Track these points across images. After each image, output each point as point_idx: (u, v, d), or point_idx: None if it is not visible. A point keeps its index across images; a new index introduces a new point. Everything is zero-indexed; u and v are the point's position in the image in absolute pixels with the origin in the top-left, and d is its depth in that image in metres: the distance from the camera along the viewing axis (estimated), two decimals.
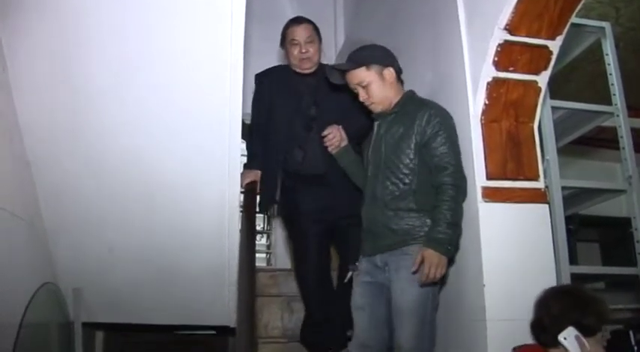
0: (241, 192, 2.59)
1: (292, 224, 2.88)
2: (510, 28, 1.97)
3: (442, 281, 2.07)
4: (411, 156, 2.11)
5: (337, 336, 2.61)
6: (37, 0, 2.05)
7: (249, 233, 2.46)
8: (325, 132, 2.42)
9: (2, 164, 2.17)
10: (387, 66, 2.21)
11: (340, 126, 2.43)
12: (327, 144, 2.42)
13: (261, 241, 4.35)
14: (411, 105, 2.19)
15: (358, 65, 2.20)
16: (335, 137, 2.40)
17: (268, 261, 4.41)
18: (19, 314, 2.17)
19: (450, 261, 2.04)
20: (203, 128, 2.36)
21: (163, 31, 2.14)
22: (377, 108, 2.23)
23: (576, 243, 3.23)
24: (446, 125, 2.11)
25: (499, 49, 2.01)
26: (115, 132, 2.32)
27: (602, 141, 3.94)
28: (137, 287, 2.73)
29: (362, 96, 2.22)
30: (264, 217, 4.37)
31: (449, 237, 1.99)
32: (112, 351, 3.39)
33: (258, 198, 2.75)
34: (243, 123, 2.46)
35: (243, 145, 2.72)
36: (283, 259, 4.08)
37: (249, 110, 2.75)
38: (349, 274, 2.25)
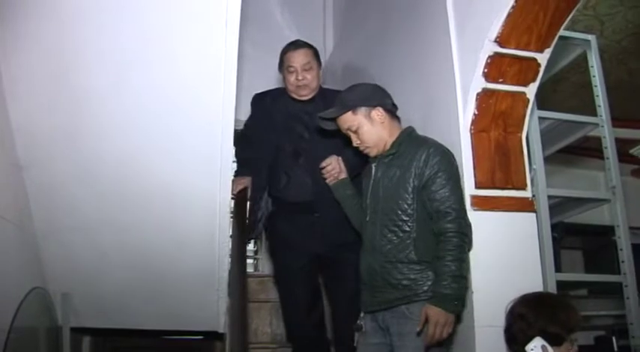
0: (232, 199, 2.59)
1: (274, 256, 2.81)
2: (500, 41, 2.01)
3: (450, 340, 1.92)
4: (409, 202, 1.96)
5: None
6: (33, 1, 2.04)
7: (240, 239, 2.47)
8: (324, 163, 2.34)
9: None
10: (374, 107, 2.09)
11: (340, 158, 2.33)
12: (326, 175, 2.33)
13: (248, 247, 4.35)
14: (409, 144, 2.06)
15: (344, 110, 2.10)
16: (334, 168, 2.32)
17: (256, 266, 4.41)
18: (8, 318, 2.15)
19: (458, 318, 1.91)
20: (197, 131, 2.35)
21: (159, 34, 2.13)
22: (372, 151, 2.11)
23: (560, 251, 3.28)
24: (446, 164, 1.98)
25: (489, 60, 2.04)
26: (110, 135, 2.30)
27: (587, 150, 4.00)
28: (125, 292, 2.72)
29: (354, 141, 2.12)
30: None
31: (455, 291, 1.83)
32: None
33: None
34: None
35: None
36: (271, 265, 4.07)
37: (240, 117, 2.75)
38: (356, 336, 2.09)
